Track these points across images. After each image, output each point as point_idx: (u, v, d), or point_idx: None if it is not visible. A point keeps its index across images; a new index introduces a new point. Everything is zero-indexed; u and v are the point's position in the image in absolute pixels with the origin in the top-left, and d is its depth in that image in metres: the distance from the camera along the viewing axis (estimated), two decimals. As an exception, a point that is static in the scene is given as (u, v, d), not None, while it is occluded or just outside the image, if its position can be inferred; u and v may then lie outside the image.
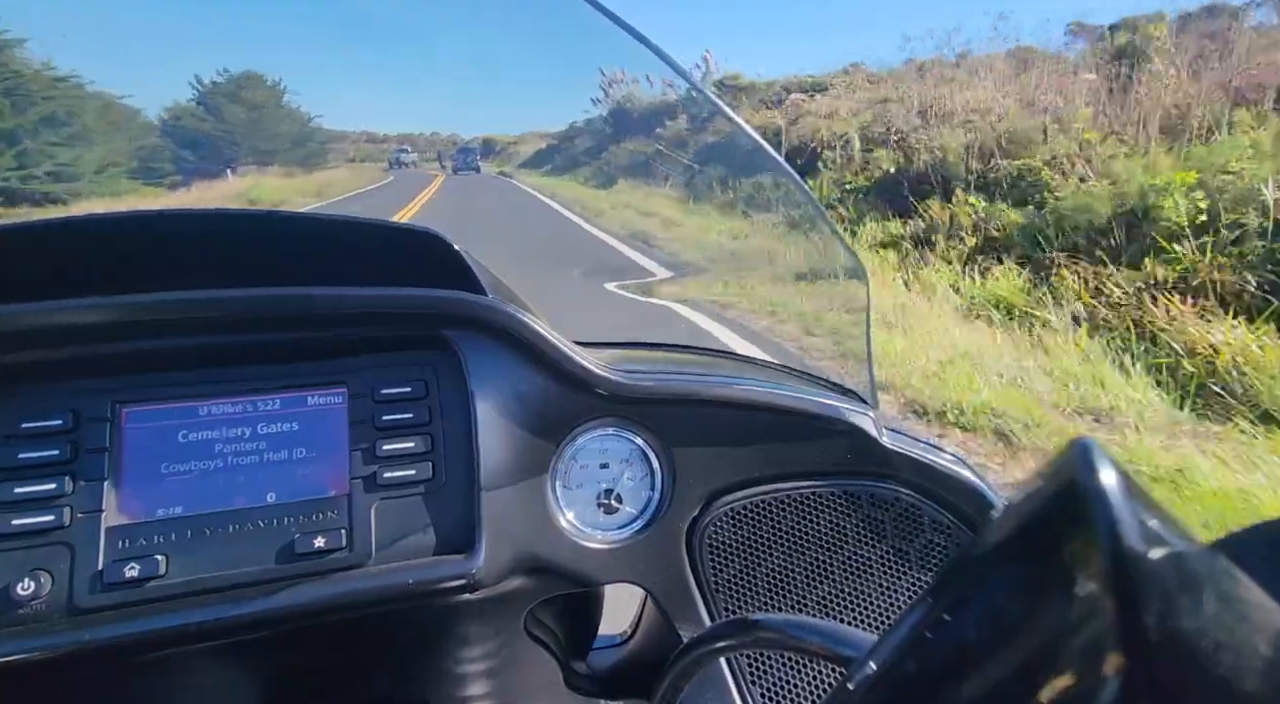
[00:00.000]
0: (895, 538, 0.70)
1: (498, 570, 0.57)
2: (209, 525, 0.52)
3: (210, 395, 0.55)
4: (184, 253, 0.59)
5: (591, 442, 0.66)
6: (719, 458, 0.67)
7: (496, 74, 28.96)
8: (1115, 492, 0.17)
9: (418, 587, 0.53)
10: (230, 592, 0.51)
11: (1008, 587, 0.19)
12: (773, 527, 0.69)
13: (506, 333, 0.60)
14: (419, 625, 0.60)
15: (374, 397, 0.58)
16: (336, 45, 64.81)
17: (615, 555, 0.64)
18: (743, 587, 0.68)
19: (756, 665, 0.66)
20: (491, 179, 17.74)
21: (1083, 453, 0.18)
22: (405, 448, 0.57)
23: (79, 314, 0.50)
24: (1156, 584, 0.15)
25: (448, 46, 32.18)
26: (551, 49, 2.28)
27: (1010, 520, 0.20)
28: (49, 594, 0.48)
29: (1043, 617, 0.18)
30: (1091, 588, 0.16)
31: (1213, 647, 0.14)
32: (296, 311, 0.56)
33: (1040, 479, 0.19)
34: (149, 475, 0.52)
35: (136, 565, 0.49)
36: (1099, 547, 0.16)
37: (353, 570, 0.53)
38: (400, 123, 65.02)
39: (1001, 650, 0.19)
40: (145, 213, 0.55)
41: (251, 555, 0.52)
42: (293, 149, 14.08)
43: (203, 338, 0.55)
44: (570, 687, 0.76)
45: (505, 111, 39.77)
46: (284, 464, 0.55)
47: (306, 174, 14.10)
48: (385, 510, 0.55)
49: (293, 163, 14.08)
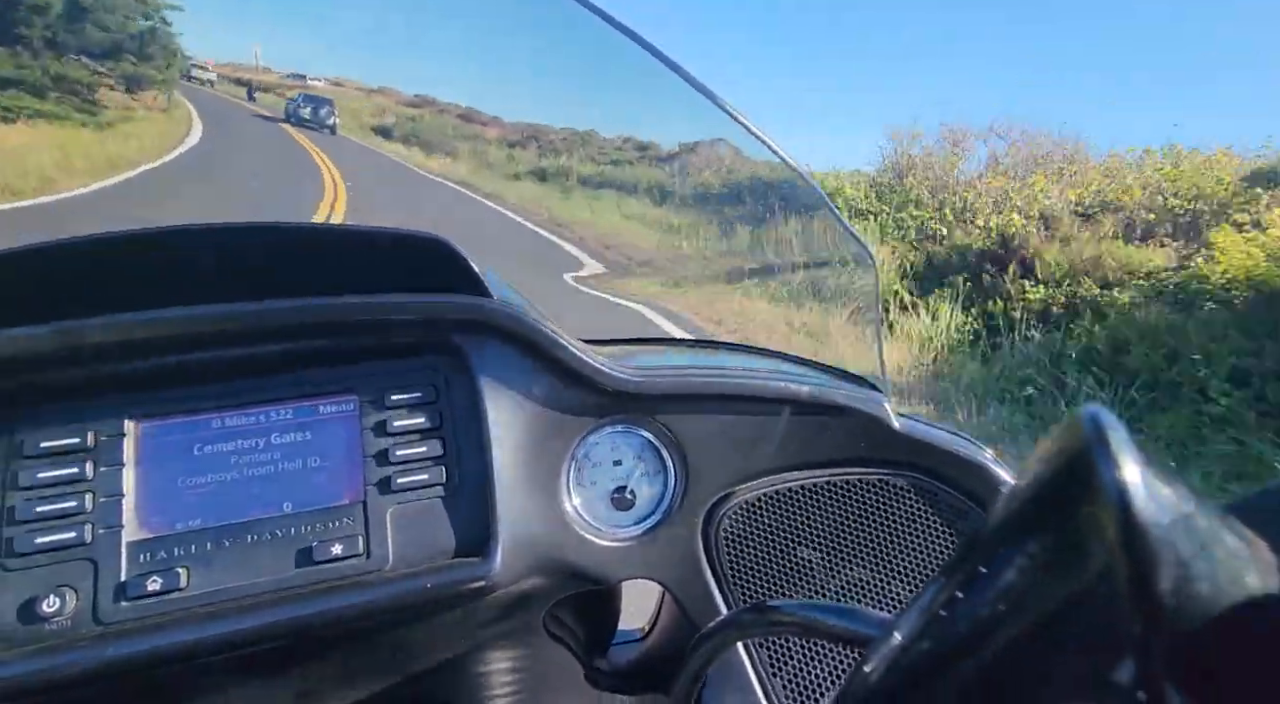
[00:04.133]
0: (911, 523, 0.70)
1: (514, 572, 0.57)
2: (227, 537, 0.52)
3: (223, 408, 0.56)
4: (189, 267, 0.60)
5: (603, 440, 0.66)
6: (732, 451, 0.67)
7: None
8: (1125, 458, 0.16)
9: (435, 590, 0.53)
10: (250, 601, 0.51)
11: (1020, 561, 0.19)
12: (788, 517, 0.69)
13: (514, 335, 0.60)
14: (438, 628, 0.61)
15: (385, 403, 0.58)
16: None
17: (631, 552, 0.64)
18: (760, 578, 0.68)
19: (777, 657, 0.66)
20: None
21: (1091, 421, 0.18)
22: (418, 453, 0.57)
23: (92, 333, 0.51)
24: (1169, 549, 0.15)
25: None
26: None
27: (1021, 494, 0.20)
28: (74, 610, 0.48)
29: (1056, 589, 0.18)
30: (1104, 557, 0.16)
31: (1228, 609, 0.14)
32: (305, 322, 0.57)
33: (1050, 451, 0.19)
34: (167, 489, 0.53)
35: (159, 578, 0.50)
36: (1110, 514, 0.16)
37: (370, 576, 0.54)
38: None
39: (1016, 624, 0.19)
40: (150, 231, 0.56)
41: (270, 565, 0.52)
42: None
43: (214, 352, 0.56)
44: (591, 683, 0.76)
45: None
46: (299, 473, 0.55)
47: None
48: (400, 516, 0.56)
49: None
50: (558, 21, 0.74)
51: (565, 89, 7.85)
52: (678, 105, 0.78)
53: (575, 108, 11.67)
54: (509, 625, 0.66)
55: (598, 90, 2.53)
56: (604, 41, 0.73)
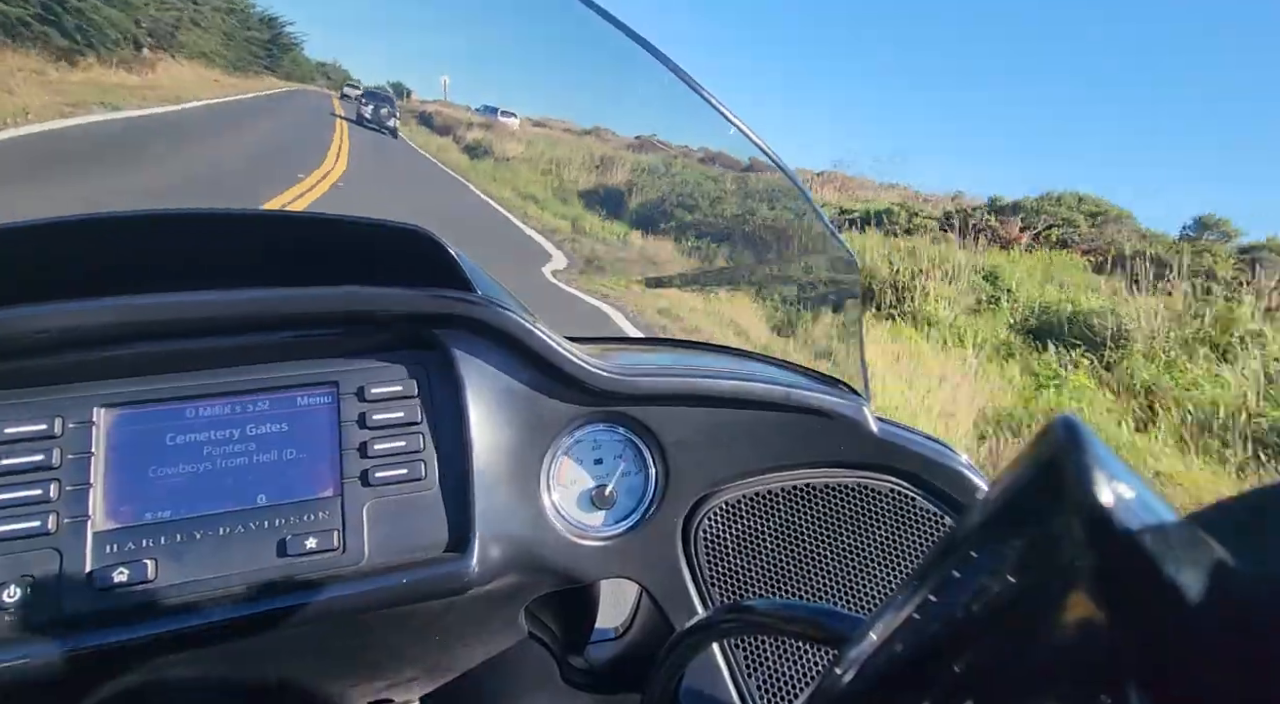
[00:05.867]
0: (888, 527, 0.71)
1: (492, 569, 0.57)
2: (198, 528, 0.51)
3: (197, 397, 0.55)
4: (168, 254, 0.59)
5: (584, 438, 0.66)
6: (712, 452, 0.67)
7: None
8: (1096, 467, 0.17)
9: (411, 586, 0.53)
10: (221, 594, 0.50)
11: (993, 565, 0.20)
12: (767, 519, 0.69)
13: (497, 331, 0.60)
14: (413, 624, 0.60)
15: (364, 396, 0.57)
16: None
17: (610, 551, 0.64)
18: (737, 579, 0.68)
19: (752, 656, 0.66)
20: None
21: (1065, 429, 0.18)
22: (396, 447, 0.57)
23: (62, 318, 0.50)
24: (1137, 556, 0.15)
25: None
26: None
27: (995, 500, 0.21)
28: (37, 601, 0.47)
29: (1028, 593, 0.18)
30: (1075, 562, 0.17)
31: (1192, 615, 0.14)
32: (284, 312, 0.56)
33: (1024, 457, 0.20)
34: (136, 479, 0.52)
35: (126, 570, 0.49)
36: (1080, 521, 0.16)
37: (345, 571, 0.53)
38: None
39: (988, 628, 0.19)
40: (128, 215, 0.55)
41: (242, 558, 0.52)
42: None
43: (189, 340, 0.54)
44: (567, 681, 0.76)
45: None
46: (274, 465, 0.54)
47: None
48: (377, 510, 0.55)
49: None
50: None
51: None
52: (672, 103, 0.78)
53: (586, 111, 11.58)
54: (485, 623, 0.65)
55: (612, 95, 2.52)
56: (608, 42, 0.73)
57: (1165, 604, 0.15)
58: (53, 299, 0.50)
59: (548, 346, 0.61)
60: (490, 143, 12.86)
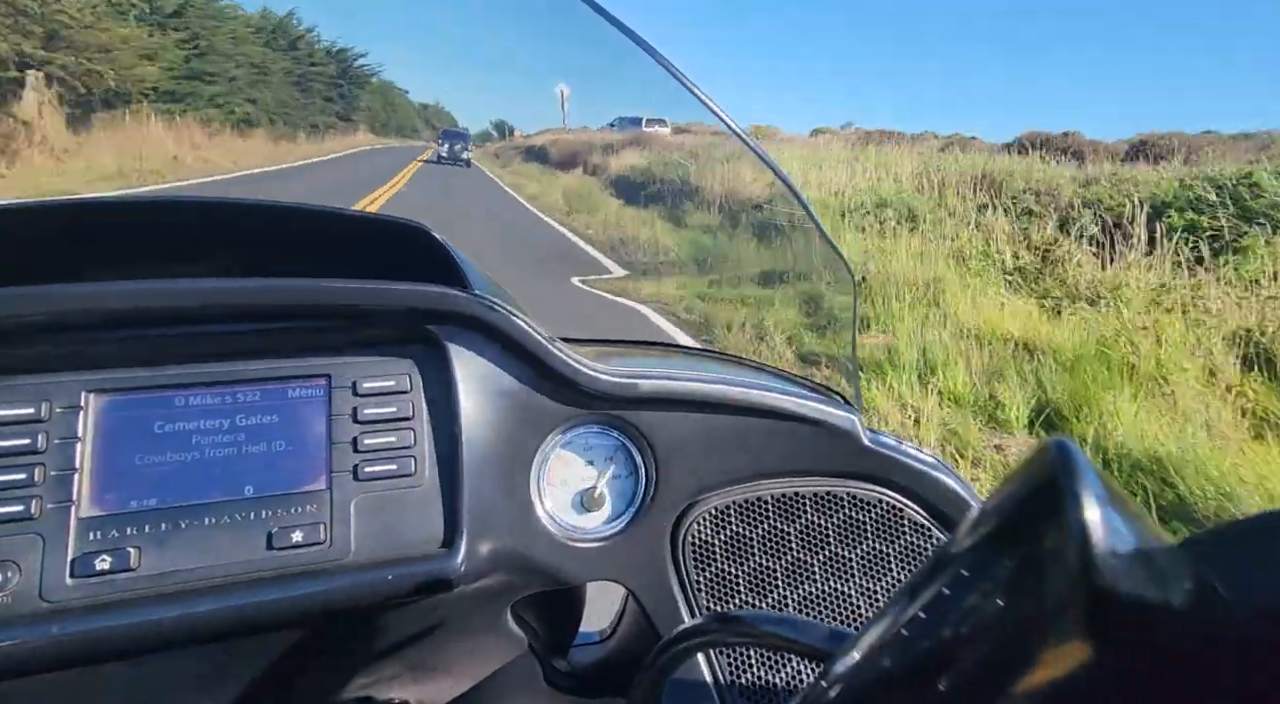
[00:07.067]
0: (876, 538, 0.71)
1: (478, 567, 0.57)
2: (184, 518, 0.51)
3: (188, 386, 0.54)
4: (166, 242, 0.58)
5: (575, 439, 0.66)
6: (703, 457, 0.67)
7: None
8: (1089, 491, 0.17)
9: (397, 582, 0.53)
10: (204, 585, 0.50)
11: (982, 584, 0.20)
12: (755, 526, 0.69)
13: (492, 329, 0.60)
14: (398, 620, 0.60)
15: (356, 390, 0.57)
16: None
17: (597, 553, 0.64)
18: (724, 586, 0.68)
19: (736, 665, 0.66)
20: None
21: (1059, 452, 0.18)
22: (387, 442, 0.56)
23: (53, 302, 0.49)
24: (1126, 580, 0.16)
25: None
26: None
27: (987, 518, 0.21)
28: (17, 586, 0.47)
29: (1016, 613, 0.18)
30: (1064, 585, 0.17)
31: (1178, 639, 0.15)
32: (278, 304, 0.55)
33: (1016, 479, 0.20)
34: (123, 466, 0.51)
35: (109, 557, 0.48)
36: (1072, 545, 0.17)
37: (331, 564, 0.53)
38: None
39: (975, 646, 0.19)
40: (126, 199, 0.55)
41: (227, 549, 0.51)
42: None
43: (181, 328, 0.54)
44: (550, 683, 0.75)
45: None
46: (262, 456, 0.54)
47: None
48: (365, 505, 0.55)
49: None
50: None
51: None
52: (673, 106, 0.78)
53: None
54: (469, 621, 0.65)
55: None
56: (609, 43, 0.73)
57: (1154, 630, 0.15)
58: (48, 282, 0.49)
59: (542, 346, 0.61)
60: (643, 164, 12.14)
